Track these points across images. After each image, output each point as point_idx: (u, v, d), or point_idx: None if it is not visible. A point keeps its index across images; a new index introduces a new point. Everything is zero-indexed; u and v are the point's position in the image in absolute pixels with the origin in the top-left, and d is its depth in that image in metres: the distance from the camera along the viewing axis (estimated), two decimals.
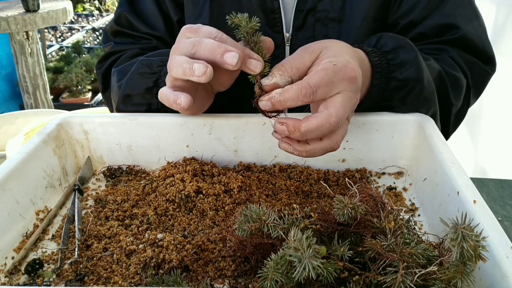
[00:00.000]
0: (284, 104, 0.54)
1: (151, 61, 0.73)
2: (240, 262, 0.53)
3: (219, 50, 0.55)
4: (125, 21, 0.88)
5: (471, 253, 0.38)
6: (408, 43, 0.70)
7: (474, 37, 0.80)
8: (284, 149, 0.58)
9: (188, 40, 0.58)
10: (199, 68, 0.54)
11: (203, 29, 0.59)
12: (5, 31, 2.40)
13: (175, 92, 0.59)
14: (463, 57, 0.80)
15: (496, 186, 0.87)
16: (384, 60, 0.67)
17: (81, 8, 5.54)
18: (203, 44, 0.56)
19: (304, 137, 0.55)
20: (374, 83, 0.66)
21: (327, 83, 0.53)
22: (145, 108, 0.74)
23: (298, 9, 0.80)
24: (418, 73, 0.67)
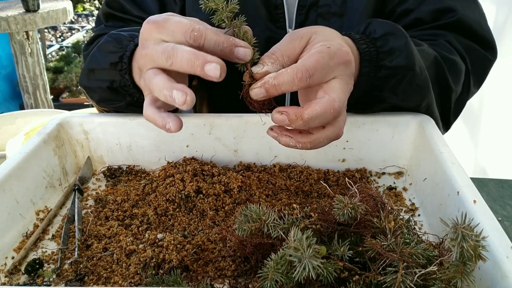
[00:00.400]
0: (278, 89, 0.50)
1: (119, 35, 0.69)
2: (240, 262, 0.53)
3: (198, 62, 0.48)
4: (116, 4, 0.86)
5: (471, 253, 0.38)
6: (398, 28, 0.67)
7: (472, 22, 0.79)
8: (286, 143, 0.53)
9: (159, 47, 0.51)
10: (178, 97, 0.49)
11: (173, 24, 0.51)
12: (5, 31, 2.40)
13: (163, 116, 0.53)
14: (461, 41, 0.78)
15: (496, 186, 0.87)
16: (372, 47, 0.64)
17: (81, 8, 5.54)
18: (179, 55, 0.49)
19: (307, 125, 0.50)
20: (363, 71, 0.63)
21: (323, 67, 0.50)
22: (107, 84, 0.69)
23: (300, 4, 0.80)
24: (409, 60, 0.65)
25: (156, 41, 0.52)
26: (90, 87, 0.73)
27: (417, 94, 0.68)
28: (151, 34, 0.53)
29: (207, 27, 0.51)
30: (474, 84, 0.81)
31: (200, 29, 0.50)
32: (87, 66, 0.72)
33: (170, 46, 0.50)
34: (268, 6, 0.81)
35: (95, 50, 0.72)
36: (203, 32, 0.50)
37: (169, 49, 0.50)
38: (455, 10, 0.78)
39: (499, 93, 1.70)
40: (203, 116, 0.73)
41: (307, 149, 0.53)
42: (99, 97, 0.73)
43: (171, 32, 0.51)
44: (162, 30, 0.52)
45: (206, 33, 0.50)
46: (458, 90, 0.77)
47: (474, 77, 0.80)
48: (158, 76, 0.51)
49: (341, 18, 0.80)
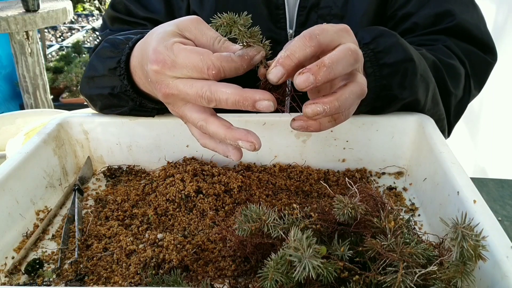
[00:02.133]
0: (293, 58, 0.47)
1: (115, 39, 0.68)
2: (240, 262, 0.53)
3: (247, 102, 0.48)
4: (122, 6, 0.85)
5: (471, 252, 0.38)
6: (385, 30, 0.68)
7: (470, 26, 0.79)
8: (313, 111, 0.48)
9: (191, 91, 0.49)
10: (246, 147, 0.50)
11: (184, 62, 0.49)
12: (5, 31, 2.40)
13: (222, 147, 0.54)
14: (460, 46, 0.79)
15: (496, 186, 0.87)
16: (368, 50, 0.65)
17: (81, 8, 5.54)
18: (222, 97, 0.48)
19: (331, 72, 0.47)
20: (368, 72, 0.64)
21: (328, 31, 0.49)
22: (108, 91, 0.68)
23: (301, 5, 0.80)
24: (405, 52, 0.66)
25: (174, 80, 0.50)
26: (91, 95, 0.73)
27: (423, 84, 0.69)
28: (164, 74, 0.51)
29: (219, 58, 0.49)
30: (475, 87, 0.81)
31: (216, 65, 0.48)
32: (86, 74, 0.72)
33: (206, 89, 0.48)
34: (269, 6, 0.81)
35: (93, 57, 0.71)
36: (219, 68, 0.48)
37: (207, 93, 0.48)
38: (454, 14, 0.79)
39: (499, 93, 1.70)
40: None
41: (337, 110, 0.49)
42: (101, 104, 0.73)
43: (184, 71, 0.49)
44: (174, 68, 0.50)
45: (223, 66, 0.49)
46: (458, 94, 0.78)
47: (475, 80, 0.80)
48: (211, 125, 0.51)
49: (342, 20, 0.80)
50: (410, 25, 0.80)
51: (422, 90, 0.69)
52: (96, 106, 0.75)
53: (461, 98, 0.79)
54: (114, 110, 0.72)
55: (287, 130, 0.72)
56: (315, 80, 0.46)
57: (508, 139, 1.69)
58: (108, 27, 0.87)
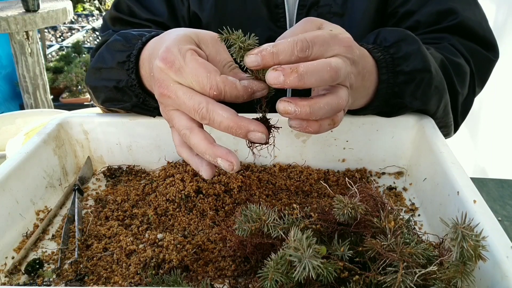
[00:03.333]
0: (276, 58, 0.47)
1: (128, 33, 0.68)
2: (240, 262, 0.53)
3: (240, 131, 0.48)
4: (125, 7, 0.85)
5: (471, 253, 0.38)
6: (409, 34, 0.67)
7: (473, 24, 0.79)
8: (284, 109, 0.48)
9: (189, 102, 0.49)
10: (224, 166, 0.49)
11: (189, 73, 0.49)
12: (5, 31, 2.40)
13: (196, 162, 0.53)
14: (463, 44, 0.79)
15: (496, 186, 0.87)
16: (387, 54, 0.64)
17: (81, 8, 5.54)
18: (216, 119, 0.48)
19: (302, 80, 0.46)
20: (382, 78, 0.63)
21: (323, 42, 0.48)
22: (113, 84, 0.68)
23: (301, 4, 0.80)
24: (424, 63, 0.65)
25: (175, 84, 0.50)
26: (96, 86, 0.72)
27: (436, 96, 0.69)
28: (168, 75, 0.51)
29: (224, 81, 0.48)
30: (478, 85, 0.81)
31: (219, 87, 0.48)
32: (94, 65, 0.72)
33: (203, 105, 0.48)
34: (268, 5, 0.81)
35: (103, 49, 0.71)
36: (221, 91, 0.48)
37: (203, 110, 0.48)
38: (457, 12, 0.78)
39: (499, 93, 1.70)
40: None
41: (307, 115, 0.48)
42: (104, 97, 0.72)
43: (188, 81, 0.49)
44: (179, 74, 0.50)
45: (225, 91, 0.48)
46: (464, 92, 0.78)
47: (478, 78, 0.80)
48: (195, 136, 0.50)
49: (342, 17, 0.80)
50: (412, 23, 0.80)
51: (435, 101, 0.69)
52: (99, 99, 0.74)
53: (466, 96, 0.79)
54: (116, 104, 0.71)
55: (287, 130, 0.72)
56: (284, 82, 0.46)
57: (508, 139, 1.69)
58: (110, 28, 0.86)
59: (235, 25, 0.56)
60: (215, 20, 0.83)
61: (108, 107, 0.74)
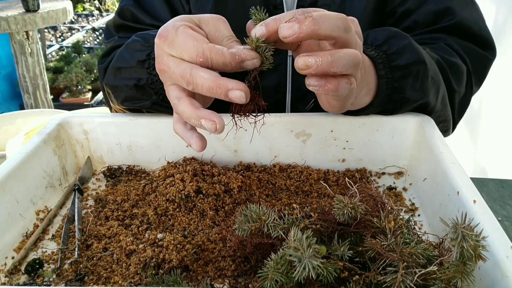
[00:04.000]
0: (278, 22, 0.48)
1: (146, 34, 0.71)
2: (240, 262, 0.53)
3: (220, 90, 0.48)
4: (129, 14, 0.86)
5: (471, 253, 0.38)
6: (397, 31, 0.68)
7: (470, 23, 0.80)
8: (304, 62, 0.47)
9: (177, 70, 0.50)
10: (208, 126, 0.49)
11: (179, 44, 0.51)
12: (5, 31, 2.40)
13: (187, 135, 0.54)
14: (460, 43, 0.80)
15: (496, 186, 0.87)
16: (380, 52, 0.65)
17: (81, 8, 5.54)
18: (199, 81, 0.49)
19: (316, 25, 0.46)
20: (380, 74, 0.64)
21: (323, 14, 0.48)
22: (134, 82, 0.70)
23: (299, 4, 0.80)
24: (418, 55, 0.66)
25: (168, 57, 0.52)
26: (116, 85, 0.73)
27: (434, 87, 0.69)
28: (163, 49, 0.53)
29: (211, 49, 0.49)
30: (475, 84, 0.82)
31: (205, 54, 0.49)
32: (113, 65, 0.73)
33: (188, 71, 0.50)
34: (267, 6, 0.81)
35: (122, 50, 0.72)
36: (208, 57, 0.49)
37: (187, 75, 0.50)
38: (454, 12, 0.79)
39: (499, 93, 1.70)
40: None
41: (328, 65, 0.47)
42: (124, 96, 0.73)
43: (179, 51, 0.51)
44: (171, 46, 0.52)
45: (211, 57, 0.49)
46: (461, 91, 0.78)
47: (475, 77, 0.81)
48: (182, 103, 0.51)
49: None
50: (410, 23, 0.81)
51: (433, 93, 0.70)
52: (119, 98, 0.75)
53: (464, 95, 0.80)
54: (136, 103, 0.73)
55: (287, 130, 0.72)
56: (299, 29, 0.46)
57: (508, 139, 1.69)
58: (114, 34, 0.87)
59: (235, 26, 0.56)
60: None
61: (127, 106, 0.75)
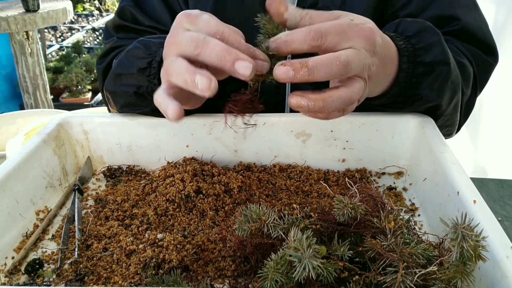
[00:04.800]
0: (289, 46, 0.48)
1: (148, 41, 0.70)
2: (240, 262, 0.53)
3: (229, 57, 0.47)
4: (128, 15, 0.86)
5: (471, 253, 0.38)
6: (430, 25, 0.67)
7: (474, 28, 0.80)
8: (297, 103, 0.49)
9: (189, 34, 0.50)
10: (202, 82, 0.47)
11: (202, 21, 0.51)
12: (5, 31, 2.40)
13: (166, 101, 0.51)
14: (465, 47, 0.80)
15: (496, 186, 0.87)
16: (409, 44, 0.64)
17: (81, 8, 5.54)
18: (210, 46, 0.48)
19: (311, 75, 0.47)
20: (403, 67, 0.63)
21: (338, 32, 0.49)
22: (133, 89, 0.69)
23: (299, 5, 0.80)
24: (444, 55, 0.65)
25: (184, 31, 0.52)
26: (116, 91, 0.73)
27: (451, 91, 0.69)
28: (182, 23, 0.53)
29: (231, 33, 0.50)
30: (478, 88, 0.82)
31: (224, 34, 0.50)
32: (114, 71, 0.72)
33: (202, 36, 0.49)
34: None
35: (122, 56, 0.72)
36: (225, 39, 0.49)
37: (200, 38, 0.49)
38: (459, 18, 0.79)
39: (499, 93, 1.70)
40: (203, 116, 0.73)
41: (320, 109, 0.49)
42: (124, 102, 0.73)
43: (198, 28, 0.51)
44: (192, 23, 0.52)
45: (228, 39, 0.49)
46: (468, 93, 0.78)
47: (478, 81, 0.81)
48: (180, 60, 0.50)
49: None
50: None
51: (448, 97, 0.69)
52: (118, 104, 0.75)
53: (469, 97, 0.79)
54: (135, 109, 0.73)
55: (287, 130, 0.72)
56: (293, 76, 0.47)
57: (508, 139, 1.69)
58: (113, 35, 0.87)
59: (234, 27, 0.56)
60: None
61: (126, 112, 0.75)
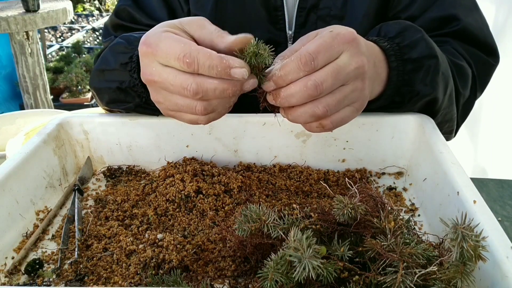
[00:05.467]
0: (286, 79, 0.50)
1: (130, 36, 0.70)
2: (240, 262, 0.53)
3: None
4: (126, 14, 0.86)
5: (471, 253, 0.38)
6: (410, 24, 0.69)
7: (475, 29, 0.80)
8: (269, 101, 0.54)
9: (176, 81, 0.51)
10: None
11: (164, 49, 0.50)
12: (5, 31, 2.40)
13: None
14: (465, 48, 0.80)
15: (496, 186, 0.87)
16: (393, 44, 0.65)
17: (81, 8, 5.54)
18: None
19: (285, 103, 0.52)
20: (392, 66, 0.64)
21: (326, 48, 0.50)
22: (116, 85, 0.69)
23: (300, 6, 0.80)
24: (430, 49, 0.66)
25: (157, 66, 0.52)
26: (99, 88, 0.73)
27: (443, 82, 0.69)
28: (149, 58, 0.53)
29: (199, 50, 0.49)
30: (478, 89, 0.82)
31: (192, 55, 0.49)
32: (97, 67, 0.73)
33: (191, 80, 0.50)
34: (268, 8, 0.81)
35: (106, 52, 0.72)
36: (194, 58, 0.49)
37: (194, 87, 0.50)
38: (460, 19, 0.79)
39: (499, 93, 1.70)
40: None
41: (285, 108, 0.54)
42: (108, 98, 0.73)
43: (164, 57, 0.51)
44: (156, 54, 0.51)
45: (198, 58, 0.49)
46: (465, 94, 0.78)
47: (478, 82, 0.81)
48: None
49: (341, 21, 0.80)
50: None
51: (442, 89, 0.69)
52: (103, 100, 0.75)
53: (468, 98, 0.80)
54: (120, 105, 0.73)
55: (287, 130, 0.72)
56: (275, 102, 0.53)
57: (508, 139, 1.69)
58: (112, 34, 0.87)
59: (235, 27, 0.56)
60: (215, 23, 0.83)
61: (112, 108, 0.75)
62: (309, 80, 0.50)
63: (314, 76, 0.50)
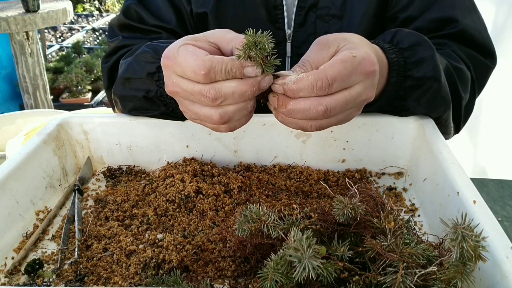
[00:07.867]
0: (296, 94, 0.51)
1: (157, 45, 0.70)
2: (240, 262, 0.53)
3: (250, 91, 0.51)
4: (134, 14, 0.85)
5: (471, 253, 0.38)
6: (425, 40, 0.68)
7: (473, 31, 0.80)
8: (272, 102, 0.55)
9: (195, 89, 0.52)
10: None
11: (181, 63, 0.53)
12: (5, 31, 2.40)
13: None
14: (464, 51, 0.80)
15: (496, 186, 0.87)
16: (401, 57, 0.65)
17: (81, 9, 5.54)
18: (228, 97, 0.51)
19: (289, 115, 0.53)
20: (391, 81, 0.64)
21: (344, 77, 0.51)
22: (142, 94, 0.70)
23: (299, 5, 0.80)
24: (435, 72, 0.66)
25: (177, 78, 0.54)
26: (125, 95, 0.73)
27: (441, 106, 0.69)
28: (169, 70, 0.55)
29: (211, 59, 0.51)
30: (476, 90, 0.82)
31: (206, 64, 0.51)
32: (122, 75, 0.72)
33: (211, 89, 0.51)
34: (267, 7, 0.81)
35: (131, 60, 0.72)
36: (209, 67, 0.51)
37: (212, 93, 0.51)
38: (458, 21, 0.79)
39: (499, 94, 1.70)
40: None
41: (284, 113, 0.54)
42: (133, 105, 0.73)
43: (182, 70, 0.53)
44: (175, 67, 0.54)
45: (213, 66, 0.51)
46: (466, 97, 0.78)
47: (476, 84, 0.81)
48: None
49: (341, 20, 0.80)
50: (413, 29, 0.80)
51: (439, 111, 0.70)
52: (126, 107, 0.75)
53: (468, 101, 0.79)
54: (144, 113, 0.73)
55: (287, 131, 0.72)
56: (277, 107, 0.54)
57: (508, 139, 1.69)
58: (118, 33, 0.87)
59: (235, 26, 0.56)
60: (215, 22, 0.83)
61: (135, 115, 0.75)
62: (320, 105, 0.51)
63: (325, 101, 0.51)
